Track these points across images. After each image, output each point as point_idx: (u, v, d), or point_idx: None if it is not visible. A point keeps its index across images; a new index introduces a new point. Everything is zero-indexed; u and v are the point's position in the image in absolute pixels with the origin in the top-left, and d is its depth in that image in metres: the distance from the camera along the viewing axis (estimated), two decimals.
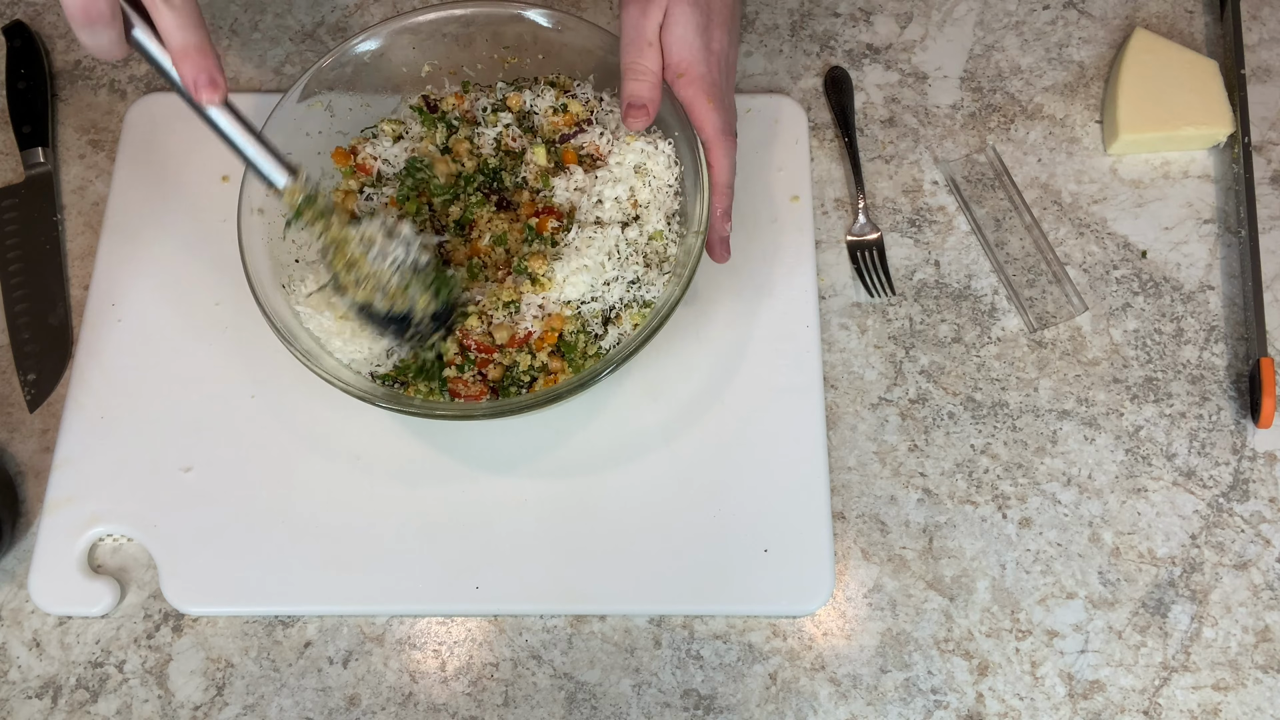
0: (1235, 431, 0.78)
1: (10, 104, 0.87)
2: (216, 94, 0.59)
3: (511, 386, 0.70)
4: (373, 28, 0.76)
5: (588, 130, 0.75)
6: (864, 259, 0.83)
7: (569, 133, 0.76)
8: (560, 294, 0.70)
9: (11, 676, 0.72)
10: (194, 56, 0.58)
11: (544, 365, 0.70)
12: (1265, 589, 0.74)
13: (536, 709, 0.71)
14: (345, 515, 0.75)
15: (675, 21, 0.69)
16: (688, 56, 0.69)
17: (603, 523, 0.75)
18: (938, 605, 0.74)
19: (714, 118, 0.70)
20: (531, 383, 0.70)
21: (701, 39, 0.70)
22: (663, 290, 0.71)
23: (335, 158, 0.77)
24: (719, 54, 0.71)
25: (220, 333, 0.80)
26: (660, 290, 0.71)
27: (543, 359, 0.70)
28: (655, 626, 0.73)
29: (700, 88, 0.70)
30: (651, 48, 0.69)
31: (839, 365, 0.80)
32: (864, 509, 0.76)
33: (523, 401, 0.68)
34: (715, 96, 0.70)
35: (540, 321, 0.70)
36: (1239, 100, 0.86)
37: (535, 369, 0.70)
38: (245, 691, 0.72)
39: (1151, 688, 0.72)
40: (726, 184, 0.71)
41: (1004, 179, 0.86)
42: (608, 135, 0.75)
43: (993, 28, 0.92)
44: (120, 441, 0.77)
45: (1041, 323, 0.81)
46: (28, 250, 0.84)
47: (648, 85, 0.70)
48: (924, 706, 0.71)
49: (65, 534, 0.74)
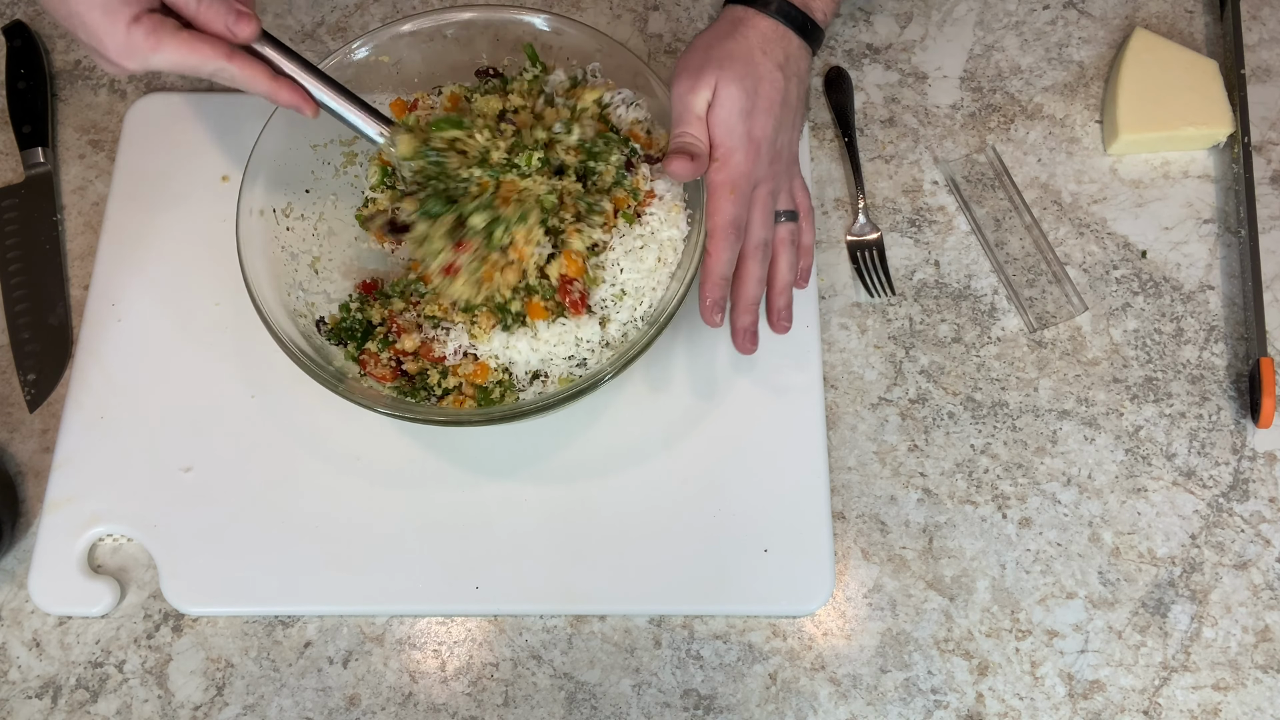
0: (1235, 431, 0.78)
1: (10, 104, 0.87)
2: (250, 26, 0.61)
3: (421, 389, 0.70)
4: (371, 32, 0.76)
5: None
6: (864, 259, 0.83)
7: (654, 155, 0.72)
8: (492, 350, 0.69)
9: (11, 676, 0.72)
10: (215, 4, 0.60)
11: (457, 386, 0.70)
12: (1265, 589, 0.74)
13: (536, 709, 0.71)
14: (345, 515, 0.75)
15: (720, 103, 0.69)
16: (728, 142, 0.69)
17: (603, 522, 0.75)
18: (938, 605, 0.74)
19: (728, 210, 0.69)
20: (443, 395, 0.70)
21: (744, 125, 0.69)
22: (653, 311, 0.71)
23: (393, 107, 0.76)
24: (760, 141, 0.70)
25: (220, 333, 0.80)
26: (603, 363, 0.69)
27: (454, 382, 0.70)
28: (655, 626, 0.73)
29: (727, 177, 0.69)
30: (700, 121, 0.69)
31: (839, 365, 0.80)
32: (864, 509, 0.76)
33: (517, 409, 0.68)
34: (738, 189, 0.69)
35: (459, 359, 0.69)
36: (1239, 100, 0.86)
37: (447, 387, 0.70)
38: (245, 691, 0.72)
39: (1151, 688, 0.72)
40: (720, 276, 0.70)
41: (1004, 179, 0.86)
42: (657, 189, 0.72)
43: (993, 28, 0.92)
44: (120, 441, 0.77)
45: (1041, 323, 0.81)
46: (28, 250, 0.84)
47: (698, 146, 0.69)
48: (924, 706, 0.71)
49: (65, 534, 0.74)
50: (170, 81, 0.90)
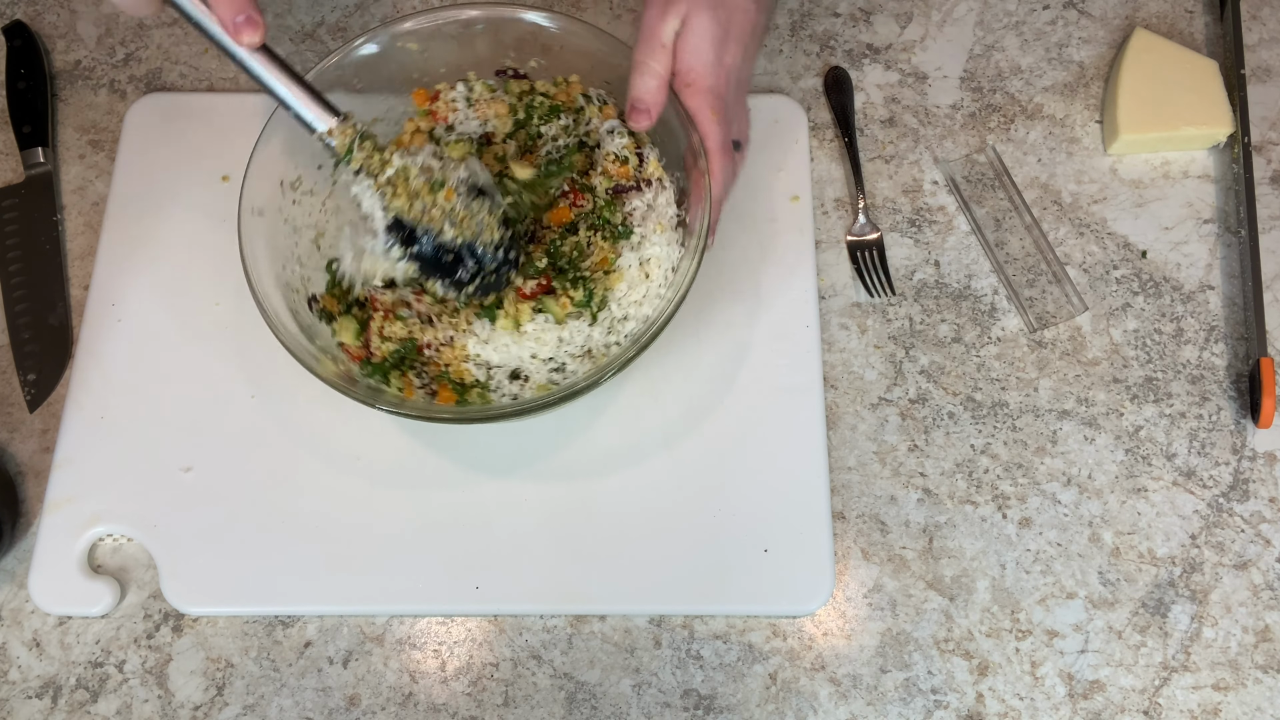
0: (1235, 431, 0.78)
1: (10, 104, 0.87)
2: (257, 33, 0.58)
3: (392, 370, 0.70)
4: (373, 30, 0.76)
5: (642, 192, 0.73)
6: (864, 259, 0.83)
7: (624, 185, 0.73)
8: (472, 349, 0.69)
9: (11, 676, 0.72)
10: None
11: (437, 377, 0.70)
12: (1265, 589, 0.74)
13: (536, 709, 0.71)
14: (345, 515, 0.75)
15: (692, 30, 0.69)
16: (698, 67, 0.69)
17: (603, 523, 0.75)
18: (938, 605, 0.74)
19: (716, 131, 0.70)
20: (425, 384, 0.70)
21: (715, 52, 0.69)
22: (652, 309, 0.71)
23: (416, 97, 0.77)
24: (729, 69, 0.71)
25: (220, 333, 0.80)
26: (579, 375, 0.70)
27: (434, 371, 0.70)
28: (655, 626, 0.73)
29: (705, 99, 0.69)
30: (664, 50, 0.69)
31: (839, 365, 0.80)
32: (864, 509, 0.76)
33: (517, 408, 0.67)
34: (719, 110, 0.70)
35: (440, 350, 0.69)
36: (1239, 100, 0.86)
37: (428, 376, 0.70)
38: (245, 691, 0.72)
39: (1151, 688, 0.72)
40: (720, 199, 0.71)
41: (1004, 179, 0.86)
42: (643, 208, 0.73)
43: (993, 28, 0.92)
44: (120, 441, 0.77)
45: (1041, 323, 0.81)
46: (28, 250, 0.84)
47: (654, 86, 0.69)
48: (924, 706, 0.71)
49: (65, 534, 0.74)
50: (170, 81, 0.90)
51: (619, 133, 0.73)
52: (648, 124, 0.70)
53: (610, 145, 0.73)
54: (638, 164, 0.73)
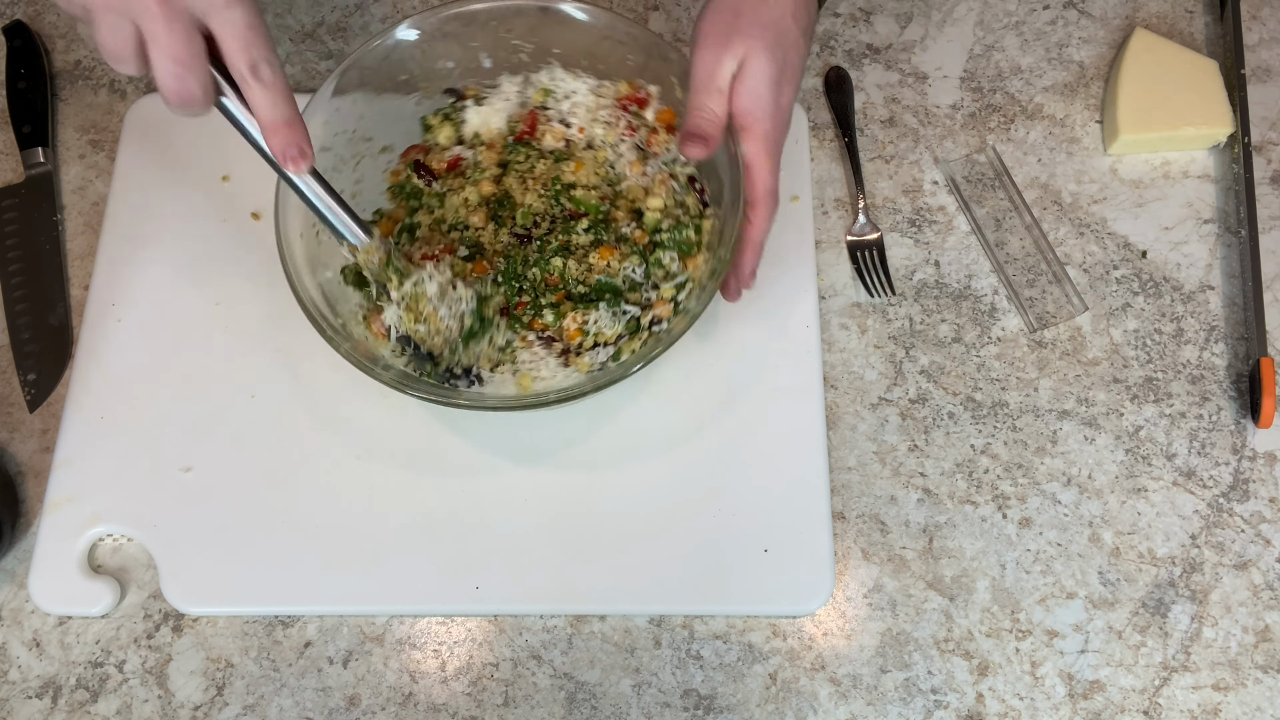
0: (1235, 431, 0.78)
1: (10, 104, 0.87)
2: (304, 164, 0.61)
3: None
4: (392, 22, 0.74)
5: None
6: (864, 259, 0.83)
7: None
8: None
9: (11, 676, 0.72)
10: (284, 130, 0.59)
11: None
12: (1265, 589, 0.74)
13: (536, 709, 0.71)
14: (345, 515, 0.75)
15: (750, 73, 0.67)
16: (755, 111, 0.68)
17: (603, 522, 0.75)
18: (938, 605, 0.74)
19: (768, 179, 0.69)
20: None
21: (772, 95, 0.68)
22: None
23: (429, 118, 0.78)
24: (785, 109, 0.70)
25: (220, 333, 0.80)
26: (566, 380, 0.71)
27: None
28: (655, 626, 0.73)
29: (764, 145, 0.68)
30: (721, 95, 0.67)
31: (839, 365, 0.80)
32: (864, 509, 0.76)
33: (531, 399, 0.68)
34: (775, 155, 0.69)
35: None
36: (1239, 100, 0.86)
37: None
38: (245, 691, 0.72)
39: (1151, 688, 0.72)
40: (761, 244, 0.70)
41: (1004, 179, 0.86)
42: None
43: (993, 28, 0.92)
44: (120, 441, 0.77)
45: (1041, 323, 0.81)
46: (28, 250, 0.84)
47: (712, 126, 0.68)
48: (924, 706, 0.71)
49: (65, 534, 0.74)
50: None
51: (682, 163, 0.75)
52: (703, 154, 0.68)
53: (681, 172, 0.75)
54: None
